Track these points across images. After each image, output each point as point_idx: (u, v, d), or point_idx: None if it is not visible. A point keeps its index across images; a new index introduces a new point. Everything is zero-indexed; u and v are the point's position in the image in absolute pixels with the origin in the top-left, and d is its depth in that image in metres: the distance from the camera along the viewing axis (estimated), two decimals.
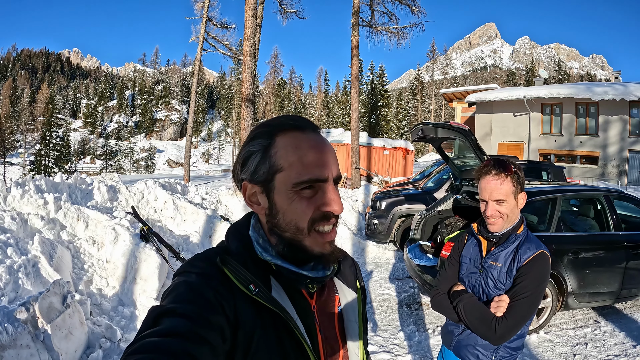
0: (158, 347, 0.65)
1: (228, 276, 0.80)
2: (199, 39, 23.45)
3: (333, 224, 0.84)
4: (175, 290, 0.77)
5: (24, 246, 4.22)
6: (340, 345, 0.93)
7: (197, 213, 7.08)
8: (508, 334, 1.70)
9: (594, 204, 5.15)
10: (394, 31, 17.28)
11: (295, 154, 0.81)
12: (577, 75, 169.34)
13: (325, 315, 0.92)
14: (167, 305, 0.74)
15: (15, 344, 2.67)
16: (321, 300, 0.92)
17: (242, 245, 0.87)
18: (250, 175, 0.85)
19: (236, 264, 0.82)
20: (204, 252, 0.89)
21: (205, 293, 0.76)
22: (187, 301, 0.74)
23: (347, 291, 0.98)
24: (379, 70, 62.36)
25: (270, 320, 0.80)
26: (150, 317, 0.72)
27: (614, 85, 20.44)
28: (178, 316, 0.70)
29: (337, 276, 0.98)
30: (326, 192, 0.82)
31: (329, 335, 0.91)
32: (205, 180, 24.31)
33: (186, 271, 0.82)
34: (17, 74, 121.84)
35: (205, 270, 0.81)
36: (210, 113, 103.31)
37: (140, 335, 0.68)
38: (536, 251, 1.75)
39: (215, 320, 0.73)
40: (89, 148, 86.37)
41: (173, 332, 0.67)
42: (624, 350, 4.15)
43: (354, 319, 0.96)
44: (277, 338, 0.80)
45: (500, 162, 1.78)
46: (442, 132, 4.43)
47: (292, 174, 0.81)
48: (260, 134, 0.85)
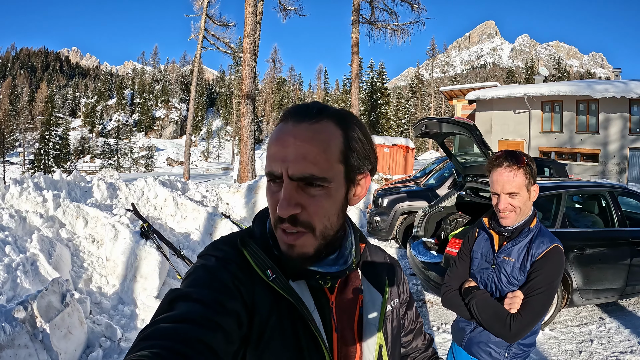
0: (170, 333, 0.64)
1: (248, 260, 0.79)
2: (199, 36, 23.43)
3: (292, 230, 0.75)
4: (194, 274, 0.77)
5: (22, 244, 4.17)
6: (358, 350, 0.87)
7: (198, 210, 7.02)
8: (523, 331, 1.65)
9: (598, 200, 5.13)
10: (394, 28, 17.27)
11: (272, 145, 0.77)
12: (577, 73, 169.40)
13: (344, 314, 0.87)
14: (184, 289, 0.73)
15: (13, 343, 2.62)
16: (342, 297, 0.87)
17: (266, 229, 0.85)
18: None
19: (256, 247, 0.80)
20: (229, 235, 0.87)
21: (223, 277, 0.75)
22: (203, 285, 0.73)
23: (374, 292, 0.91)
24: (379, 68, 62.40)
25: (286, 310, 0.77)
26: (166, 300, 0.72)
27: (614, 83, 20.39)
28: (193, 301, 0.70)
29: (365, 275, 0.92)
30: (276, 189, 0.76)
31: (346, 335, 0.86)
32: (205, 179, 24.30)
33: (207, 254, 0.81)
34: (16, 73, 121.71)
35: (226, 254, 0.80)
36: (209, 111, 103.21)
37: (154, 319, 0.68)
38: (550, 245, 1.71)
39: (231, 305, 0.71)
40: (88, 147, 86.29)
41: (187, 318, 0.66)
42: (629, 347, 4.12)
43: (375, 323, 0.89)
44: (292, 329, 0.77)
45: (512, 153, 1.72)
46: (447, 127, 4.38)
47: (265, 164, 0.78)
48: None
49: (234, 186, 10.31)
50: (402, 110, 68.75)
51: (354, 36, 15.43)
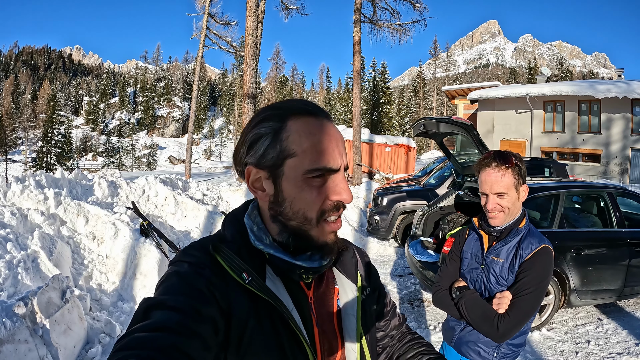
0: (146, 342, 0.63)
1: (221, 265, 0.78)
2: (201, 35, 23.45)
3: (340, 214, 0.82)
4: (167, 281, 0.75)
5: (23, 241, 4.21)
6: (339, 340, 0.89)
7: (198, 209, 7.06)
8: (511, 332, 1.66)
9: (597, 200, 5.12)
10: (396, 28, 17.23)
11: (309, 140, 0.77)
12: (580, 73, 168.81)
13: (323, 307, 0.88)
14: (158, 297, 0.72)
15: (13, 338, 2.65)
16: (319, 292, 0.89)
17: (238, 232, 0.84)
18: (257, 159, 0.80)
19: (229, 251, 0.79)
20: (199, 241, 0.86)
21: (197, 283, 0.74)
22: (177, 292, 0.72)
23: (347, 283, 0.93)
24: (381, 67, 62.23)
25: (265, 311, 0.77)
26: (140, 309, 0.70)
27: (616, 83, 20.32)
28: (168, 309, 0.69)
29: (337, 267, 0.94)
30: (337, 181, 0.80)
31: (327, 329, 0.88)
32: (206, 177, 24.32)
33: (179, 260, 0.80)
34: (19, 71, 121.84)
35: (198, 260, 0.78)
36: (212, 110, 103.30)
37: (130, 329, 0.67)
38: (539, 245, 1.71)
39: (207, 312, 0.71)
40: (90, 145, 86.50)
41: (162, 326, 0.66)
42: (626, 348, 4.12)
43: (352, 312, 0.91)
44: (272, 329, 0.77)
45: (500, 154, 1.73)
46: (445, 127, 4.39)
47: (306, 160, 0.77)
48: (269, 117, 0.80)
49: (235, 185, 10.34)
50: (405, 110, 68.66)
51: (356, 35, 15.41)
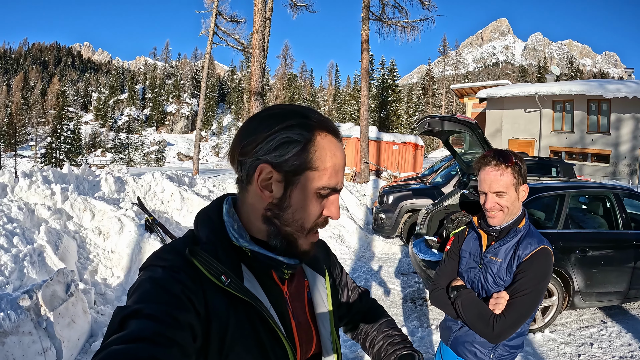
0: (124, 355, 0.61)
1: (197, 268, 0.77)
2: (209, 32, 23.48)
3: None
4: (141, 288, 0.73)
5: (30, 236, 4.26)
6: (314, 330, 0.94)
7: (204, 205, 7.09)
8: (506, 333, 1.64)
9: (602, 201, 5.07)
10: (404, 25, 17.15)
11: (331, 160, 0.82)
12: (590, 72, 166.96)
13: (297, 301, 0.93)
14: (133, 306, 0.69)
15: (17, 330, 2.70)
16: (292, 286, 0.93)
17: (213, 232, 0.84)
18: (279, 161, 0.79)
19: (206, 255, 0.78)
20: (171, 244, 0.85)
21: (173, 289, 0.72)
22: (153, 300, 0.70)
23: (316, 276, 1.00)
24: (390, 65, 61.90)
25: (243, 310, 0.78)
26: (115, 320, 0.68)
27: (626, 83, 20.08)
28: (144, 317, 0.67)
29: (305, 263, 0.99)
30: (334, 200, 0.85)
31: (302, 320, 0.92)
32: (214, 174, 24.40)
33: (152, 265, 0.78)
34: (29, 67, 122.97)
35: (172, 263, 0.77)
36: (220, 107, 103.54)
37: (106, 341, 0.65)
38: (538, 246, 1.68)
39: (184, 318, 0.70)
40: (99, 141, 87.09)
41: (139, 337, 0.64)
42: (630, 352, 4.08)
43: (323, 303, 0.97)
44: (251, 327, 0.79)
45: (500, 152, 1.72)
46: (449, 126, 4.38)
47: (324, 177, 0.82)
48: (300, 125, 0.81)
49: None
50: (413, 108, 68.31)
51: (364, 33, 15.38)
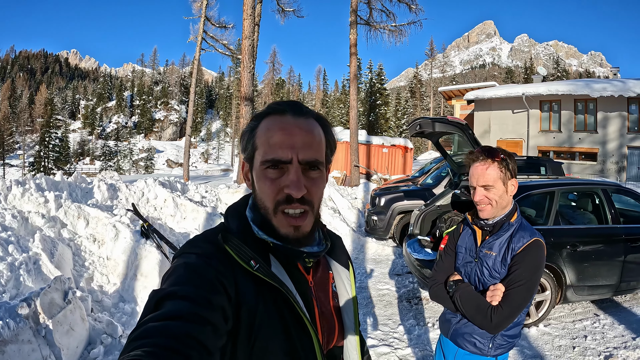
0: (160, 331, 0.65)
1: (228, 255, 0.82)
2: (198, 38, 23.48)
3: (300, 210, 0.85)
4: (176, 273, 0.78)
5: (24, 244, 4.24)
6: (336, 321, 0.97)
7: (197, 211, 7.09)
8: (504, 323, 1.71)
9: (592, 197, 5.16)
10: (392, 29, 17.30)
11: (265, 135, 0.85)
12: (576, 72, 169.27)
13: (321, 291, 0.96)
14: (168, 288, 0.74)
15: (17, 339, 2.69)
16: (317, 276, 0.96)
17: (242, 223, 0.90)
18: (244, 153, 0.91)
19: (237, 241, 0.84)
20: (203, 233, 0.91)
21: (206, 273, 0.77)
22: (187, 283, 0.74)
23: (340, 268, 1.03)
24: (378, 69, 62.26)
25: (270, 296, 0.82)
26: (151, 301, 0.72)
27: (612, 82, 20.42)
28: (179, 299, 0.71)
29: (330, 255, 1.02)
30: (289, 175, 0.84)
31: (325, 310, 0.95)
32: (204, 180, 24.33)
33: (186, 252, 0.83)
34: (16, 75, 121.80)
35: (205, 250, 0.82)
36: (209, 113, 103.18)
37: (142, 320, 0.69)
38: (530, 239, 1.76)
39: (216, 300, 0.73)
40: (88, 149, 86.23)
41: (174, 315, 0.68)
42: (623, 343, 4.16)
43: (347, 292, 1.01)
44: (278, 313, 0.82)
45: (488, 148, 1.82)
46: (440, 127, 4.46)
47: (261, 152, 0.85)
48: (254, 117, 0.91)
49: (233, 187, 10.38)
50: (401, 111, 68.71)
51: (352, 37, 15.47)
